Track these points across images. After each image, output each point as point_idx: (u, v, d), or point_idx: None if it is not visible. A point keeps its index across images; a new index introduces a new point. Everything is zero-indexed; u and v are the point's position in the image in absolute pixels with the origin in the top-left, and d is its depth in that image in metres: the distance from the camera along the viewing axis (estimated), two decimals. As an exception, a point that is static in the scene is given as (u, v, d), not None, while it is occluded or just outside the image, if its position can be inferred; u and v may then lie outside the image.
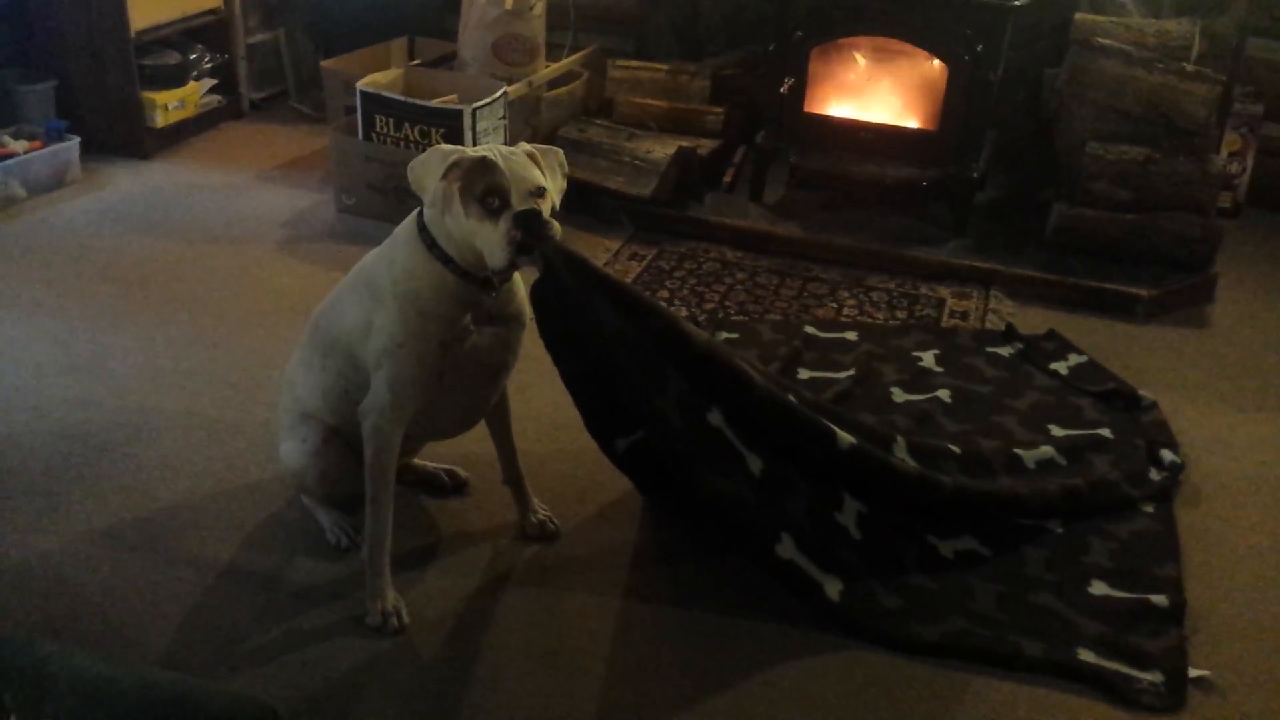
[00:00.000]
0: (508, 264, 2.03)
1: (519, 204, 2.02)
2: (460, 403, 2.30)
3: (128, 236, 3.83)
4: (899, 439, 2.59)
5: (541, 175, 2.09)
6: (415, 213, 2.17)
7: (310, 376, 2.37)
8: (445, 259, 2.11)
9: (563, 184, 2.19)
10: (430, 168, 2.08)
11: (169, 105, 4.53)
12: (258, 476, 2.64)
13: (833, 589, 2.29)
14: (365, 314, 2.19)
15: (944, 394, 3.06)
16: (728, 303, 3.60)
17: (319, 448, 2.37)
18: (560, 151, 2.21)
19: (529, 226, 2.01)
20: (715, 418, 2.26)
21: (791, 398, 2.42)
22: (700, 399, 2.25)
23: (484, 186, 2.02)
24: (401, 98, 3.90)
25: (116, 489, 2.58)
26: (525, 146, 2.15)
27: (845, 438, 2.38)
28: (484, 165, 2.04)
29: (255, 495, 2.58)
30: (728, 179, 4.29)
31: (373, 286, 2.19)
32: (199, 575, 2.33)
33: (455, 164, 2.05)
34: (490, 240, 2.02)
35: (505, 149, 2.11)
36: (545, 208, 2.06)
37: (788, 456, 2.35)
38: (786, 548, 2.28)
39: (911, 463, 2.53)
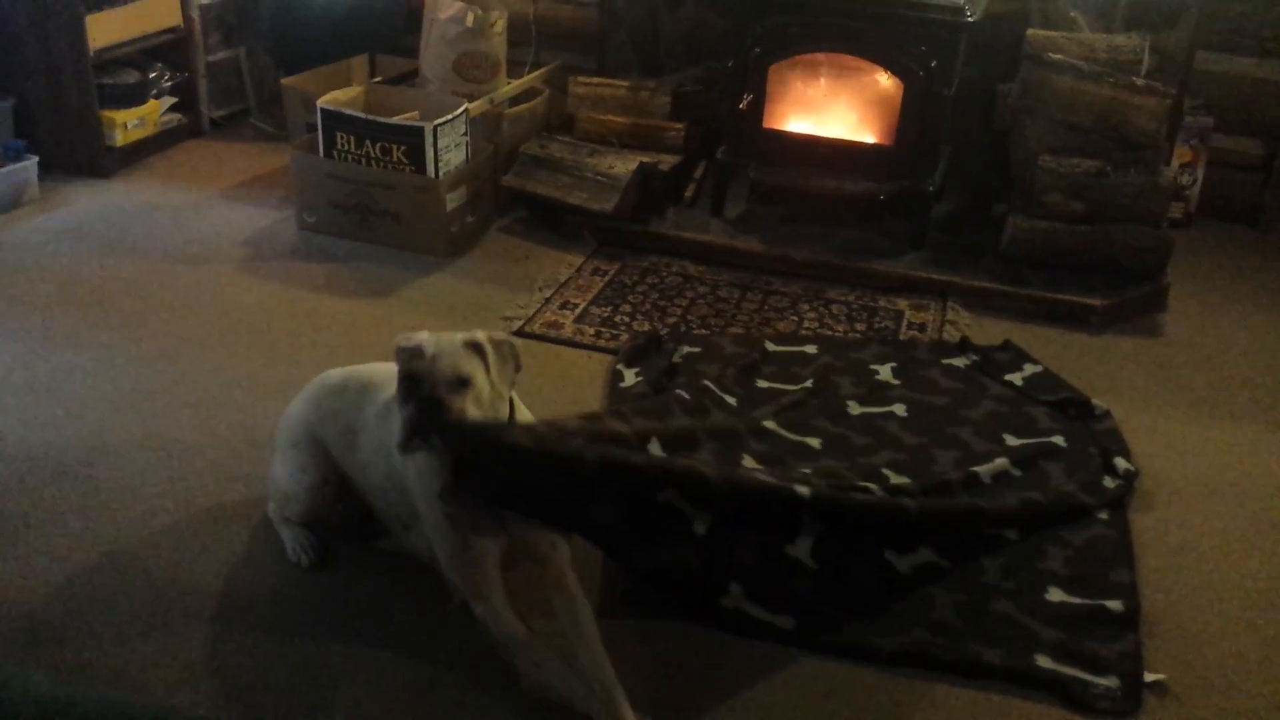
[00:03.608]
0: (403, 444, 2.08)
1: (438, 392, 2.05)
2: None
3: (87, 256, 3.80)
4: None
5: (476, 365, 2.09)
6: None
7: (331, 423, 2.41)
8: None
9: (514, 375, 2.18)
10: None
11: (128, 124, 4.51)
12: (218, 498, 2.63)
13: (784, 624, 2.31)
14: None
15: (899, 409, 3.08)
16: (690, 317, 3.63)
17: (318, 484, 2.39)
18: (517, 343, 2.20)
19: (428, 413, 2.04)
20: (665, 495, 2.29)
21: (755, 472, 2.46)
22: (647, 489, 2.28)
23: (407, 371, 2.08)
24: (362, 115, 3.90)
25: (75, 511, 2.56)
26: (481, 336, 2.13)
27: (804, 490, 2.40)
28: (414, 351, 2.09)
29: (216, 516, 2.57)
30: (689, 194, 4.32)
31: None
32: (159, 597, 2.32)
33: (399, 349, 2.11)
34: (400, 419, 2.09)
35: (450, 338, 2.11)
36: (465, 399, 2.06)
37: (739, 513, 2.36)
38: (733, 597, 2.31)
39: (874, 488, 2.56)
